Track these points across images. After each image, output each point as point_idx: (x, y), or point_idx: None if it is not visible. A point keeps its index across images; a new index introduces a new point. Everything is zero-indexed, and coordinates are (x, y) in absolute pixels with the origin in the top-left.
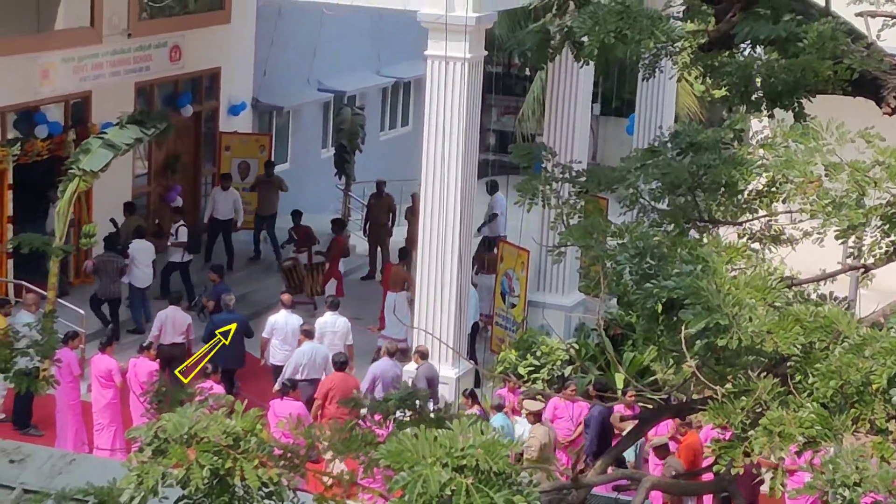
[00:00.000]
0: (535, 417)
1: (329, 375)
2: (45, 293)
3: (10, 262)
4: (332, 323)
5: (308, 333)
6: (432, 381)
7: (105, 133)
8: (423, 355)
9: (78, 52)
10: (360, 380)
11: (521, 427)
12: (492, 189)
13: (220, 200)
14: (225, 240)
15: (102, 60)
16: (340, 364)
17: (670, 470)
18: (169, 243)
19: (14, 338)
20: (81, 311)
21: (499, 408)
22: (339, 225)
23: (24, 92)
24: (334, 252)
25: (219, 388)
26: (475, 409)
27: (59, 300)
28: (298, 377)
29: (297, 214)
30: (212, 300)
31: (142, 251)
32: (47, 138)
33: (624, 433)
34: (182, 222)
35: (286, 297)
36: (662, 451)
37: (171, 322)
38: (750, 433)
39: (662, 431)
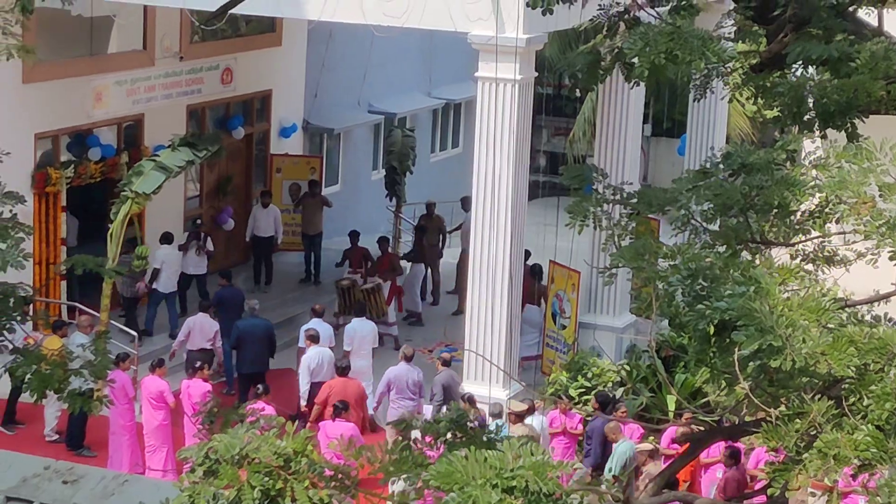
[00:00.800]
0: (517, 418)
1: (330, 380)
2: (96, 314)
3: (64, 283)
4: (360, 329)
5: (313, 338)
6: (449, 388)
7: (157, 155)
8: (445, 362)
9: (131, 75)
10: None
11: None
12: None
13: (260, 218)
14: (265, 257)
15: (155, 83)
16: (342, 369)
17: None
18: (194, 251)
19: (68, 358)
20: (133, 333)
21: (498, 415)
22: (386, 242)
23: (78, 115)
24: (383, 269)
25: (269, 410)
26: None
27: (112, 321)
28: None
29: (354, 235)
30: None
31: (170, 257)
32: (100, 161)
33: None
34: (207, 235)
35: (318, 306)
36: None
37: (199, 328)
38: (804, 456)
39: (714, 454)
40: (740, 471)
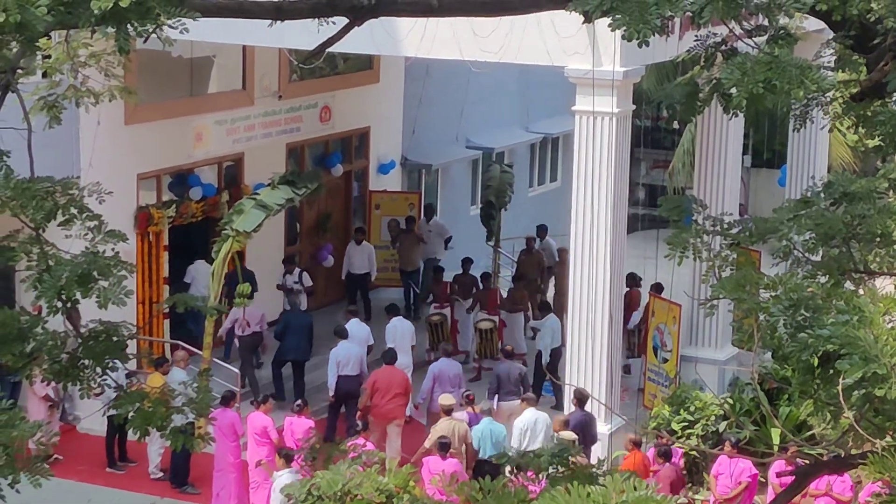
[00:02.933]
0: (446, 413)
1: (377, 369)
2: (198, 351)
3: (167, 321)
4: (400, 327)
5: (340, 334)
6: (500, 378)
7: (257, 194)
8: (508, 355)
9: (230, 115)
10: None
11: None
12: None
13: (354, 255)
14: (362, 293)
15: (254, 122)
16: (390, 358)
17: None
18: (292, 285)
19: (170, 396)
20: (235, 371)
21: (488, 412)
22: (488, 278)
23: (179, 155)
24: (487, 302)
25: (370, 446)
26: (467, 412)
27: (214, 360)
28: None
29: (438, 270)
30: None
31: (201, 272)
32: (201, 200)
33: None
34: (303, 271)
35: (353, 307)
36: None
37: (249, 314)
38: None
39: (821, 486)
40: (675, 469)
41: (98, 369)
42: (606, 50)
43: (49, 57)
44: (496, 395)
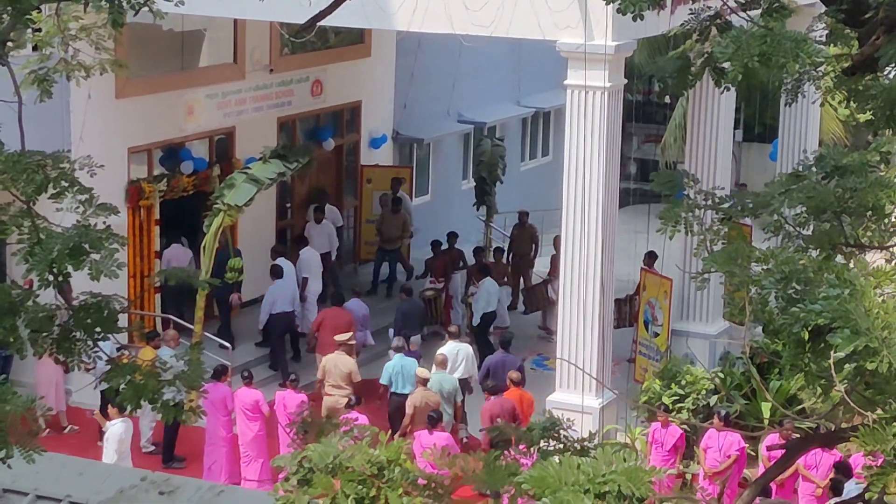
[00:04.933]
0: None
1: (324, 309)
2: (190, 326)
3: (158, 296)
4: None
5: (276, 273)
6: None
7: (249, 168)
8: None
9: (221, 89)
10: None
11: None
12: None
13: (314, 234)
14: (327, 272)
15: (245, 96)
16: (338, 299)
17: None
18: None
19: (162, 369)
20: (228, 345)
21: (397, 349)
22: (481, 252)
23: (170, 129)
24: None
25: (363, 420)
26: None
27: (206, 333)
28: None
29: (435, 245)
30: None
31: (179, 256)
32: (192, 174)
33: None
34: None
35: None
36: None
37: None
38: None
39: (810, 462)
40: (501, 402)
41: (90, 342)
42: (598, 24)
43: (40, 30)
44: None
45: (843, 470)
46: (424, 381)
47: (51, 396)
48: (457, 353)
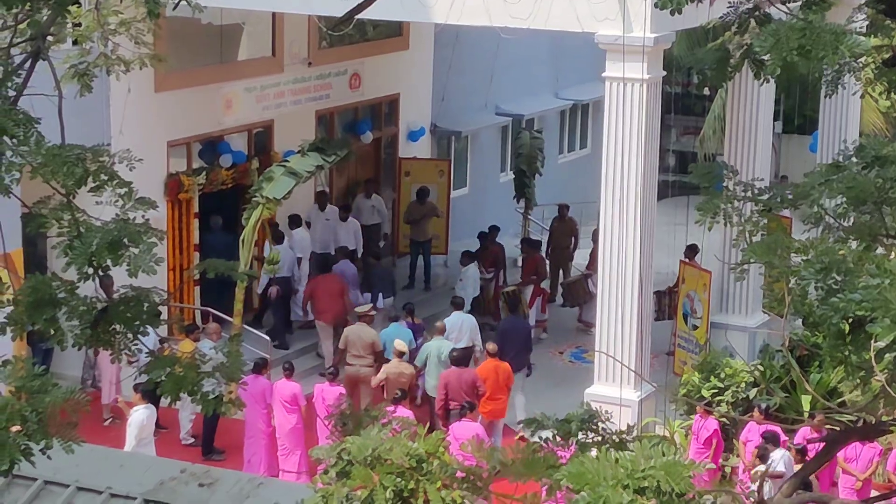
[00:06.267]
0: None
1: (317, 276)
2: (230, 319)
3: (197, 288)
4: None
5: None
6: None
7: (287, 161)
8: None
9: (260, 82)
10: None
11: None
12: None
13: (340, 232)
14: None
15: (284, 89)
16: (329, 264)
17: None
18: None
19: (201, 361)
20: (266, 337)
21: (395, 319)
22: (532, 244)
23: (209, 122)
24: (528, 272)
25: (403, 413)
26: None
27: (246, 326)
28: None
29: (483, 236)
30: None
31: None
32: (231, 167)
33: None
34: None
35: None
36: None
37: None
38: None
39: (851, 455)
40: (460, 373)
41: (129, 335)
42: (637, 16)
43: (79, 25)
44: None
45: (771, 440)
46: (401, 354)
47: (109, 388)
48: (461, 323)
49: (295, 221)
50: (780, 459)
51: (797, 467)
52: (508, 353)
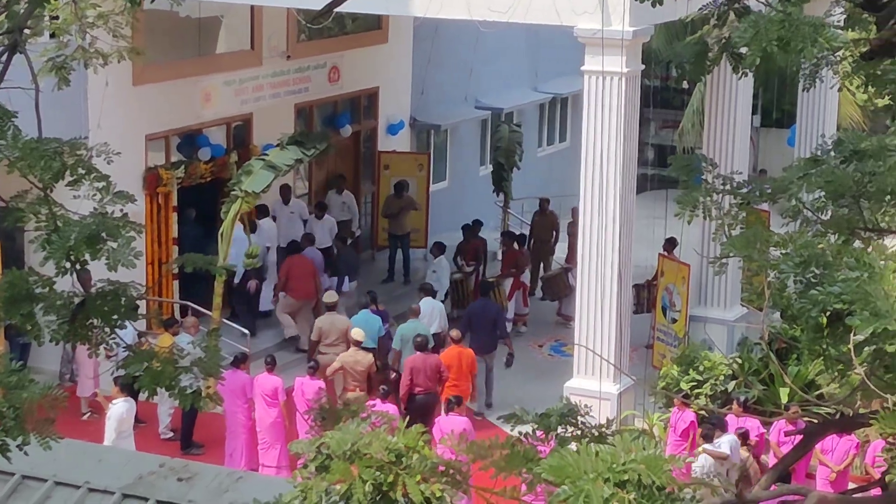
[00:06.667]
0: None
1: (291, 257)
2: (208, 313)
3: (176, 282)
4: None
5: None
6: None
7: (266, 154)
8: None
9: (239, 75)
10: None
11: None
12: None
13: (316, 229)
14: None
15: (263, 83)
16: (300, 246)
17: None
18: None
19: (179, 356)
20: (246, 332)
21: (364, 305)
22: (511, 237)
23: (187, 115)
24: (507, 265)
25: (383, 406)
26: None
27: (224, 320)
28: None
29: (466, 229)
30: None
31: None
32: (210, 161)
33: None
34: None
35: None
36: None
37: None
38: None
39: (828, 447)
40: (425, 358)
41: (107, 329)
42: (616, 9)
43: (57, 18)
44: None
45: (717, 423)
46: (357, 343)
47: (87, 382)
48: (432, 309)
49: (262, 211)
50: (725, 442)
51: (744, 452)
52: (477, 336)
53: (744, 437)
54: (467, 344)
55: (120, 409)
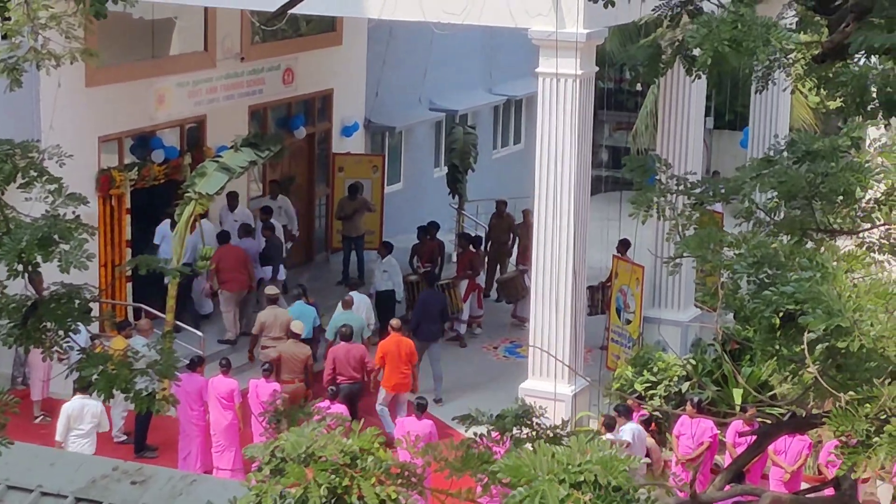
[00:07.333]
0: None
1: (221, 248)
2: (162, 315)
3: (129, 285)
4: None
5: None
6: None
7: (220, 156)
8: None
9: (192, 77)
10: None
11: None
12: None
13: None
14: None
15: (216, 84)
16: (229, 236)
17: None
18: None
19: (134, 359)
20: (200, 334)
21: (298, 297)
22: (467, 239)
23: (141, 117)
24: (462, 266)
25: (337, 408)
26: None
27: (178, 322)
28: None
29: (421, 230)
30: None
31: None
32: (164, 162)
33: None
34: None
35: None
36: None
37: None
38: (874, 440)
39: (780, 448)
40: (348, 348)
41: (61, 332)
42: (569, 12)
43: (9, 19)
44: None
45: (622, 412)
46: (296, 335)
47: (39, 386)
48: (359, 302)
49: (202, 213)
50: (628, 430)
51: (649, 440)
52: (426, 325)
53: (647, 423)
54: (416, 334)
55: (71, 406)
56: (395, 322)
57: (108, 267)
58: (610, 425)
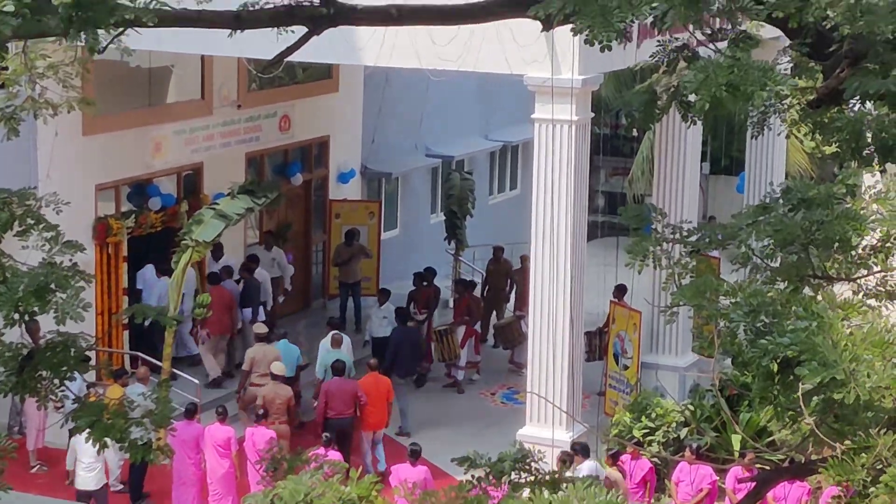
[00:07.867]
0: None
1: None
2: (159, 363)
3: (126, 333)
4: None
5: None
6: None
7: (217, 203)
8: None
9: (189, 125)
10: None
11: None
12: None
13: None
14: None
15: (213, 132)
16: (217, 279)
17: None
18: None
19: (129, 408)
20: (196, 381)
21: (283, 336)
22: (464, 285)
23: (138, 165)
24: (459, 312)
25: (334, 456)
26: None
27: (175, 370)
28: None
29: (417, 277)
30: None
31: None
32: (160, 210)
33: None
34: None
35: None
36: None
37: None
38: (871, 490)
39: (779, 493)
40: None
41: (56, 381)
42: (565, 58)
43: (6, 69)
44: None
45: (580, 450)
46: (278, 377)
47: (35, 435)
48: (347, 342)
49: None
50: (586, 468)
51: (615, 474)
52: (400, 362)
53: (613, 457)
54: (392, 371)
55: (76, 438)
56: (372, 361)
57: (105, 315)
58: (566, 462)
